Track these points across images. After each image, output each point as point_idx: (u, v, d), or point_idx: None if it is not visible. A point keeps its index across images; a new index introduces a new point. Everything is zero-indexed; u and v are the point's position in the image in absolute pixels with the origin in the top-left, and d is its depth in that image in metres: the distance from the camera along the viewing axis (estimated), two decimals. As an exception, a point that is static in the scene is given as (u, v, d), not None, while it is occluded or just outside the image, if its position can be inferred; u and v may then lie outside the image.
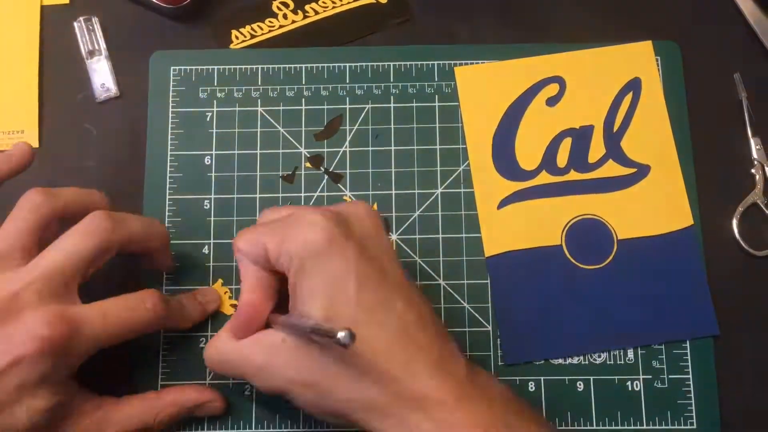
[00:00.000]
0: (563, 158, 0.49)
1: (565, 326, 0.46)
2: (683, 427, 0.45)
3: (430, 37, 0.52)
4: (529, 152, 0.49)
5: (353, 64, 0.51)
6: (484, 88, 0.50)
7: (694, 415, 0.45)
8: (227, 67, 0.50)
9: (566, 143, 0.49)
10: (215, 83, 0.50)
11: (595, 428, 0.45)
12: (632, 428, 0.45)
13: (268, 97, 0.50)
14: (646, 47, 0.51)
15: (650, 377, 0.46)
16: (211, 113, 0.50)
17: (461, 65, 0.51)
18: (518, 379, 0.46)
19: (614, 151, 0.49)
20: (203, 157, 0.49)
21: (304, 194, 0.49)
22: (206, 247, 0.48)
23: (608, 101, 0.50)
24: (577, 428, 0.45)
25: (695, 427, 0.45)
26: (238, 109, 0.50)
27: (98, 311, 0.39)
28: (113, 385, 0.42)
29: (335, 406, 0.37)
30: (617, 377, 0.46)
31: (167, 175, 0.49)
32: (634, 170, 0.49)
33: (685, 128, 0.50)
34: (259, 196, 0.48)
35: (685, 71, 0.51)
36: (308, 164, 0.49)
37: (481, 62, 0.51)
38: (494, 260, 0.47)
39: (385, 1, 0.53)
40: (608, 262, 0.47)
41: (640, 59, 0.51)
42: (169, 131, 0.49)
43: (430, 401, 0.35)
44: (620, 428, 0.45)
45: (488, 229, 0.48)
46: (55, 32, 0.51)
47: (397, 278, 0.38)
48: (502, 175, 0.49)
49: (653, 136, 0.49)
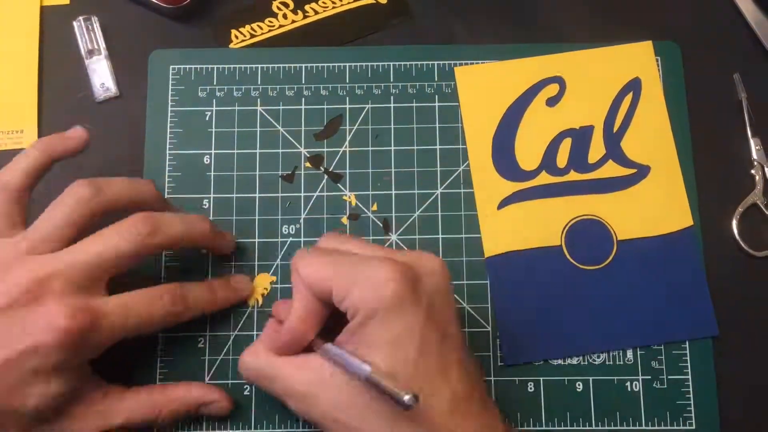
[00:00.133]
0: (563, 158, 0.49)
1: (564, 327, 0.46)
2: (682, 427, 0.45)
3: (430, 37, 0.52)
4: (529, 152, 0.49)
5: (353, 64, 0.51)
6: (484, 88, 0.50)
7: (693, 415, 0.45)
8: (227, 66, 0.50)
9: (566, 143, 0.49)
10: (214, 82, 0.50)
11: (594, 429, 0.45)
12: (631, 429, 0.45)
13: (267, 96, 0.50)
14: (646, 47, 0.51)
15: (649, 378, 0.46)
16: (210, 112, 0.50)
17: (461, 65, 0.51)
18: (517, 379, 0.46)
19: (614, 151, 0.49)
20: (202, 156, 0.49)
21: (303, 194, 0.48)
22: (205, 246, 0.48)
23: (608, 101, 0.50)
24: (576, 428, 0.45)
25: (694, 427, 0.45)
26: (237, 108, 0.50)
27: (119, 304, 0.39)
28: (111, 383, 0.42)
29: None
30: (616, 378, 0.46)
31: (166, 174, 0.49)
32: (634, 171, 0.49)
33: (685, 129, 0.50)
34: (258, 195, 0.48)
35: (685, 71, 0.51)
36: (308, 164, 0.49)
37: (481, 62, 0.51)
38: (494, 261, 0.47)
39: (385, 1, 0.53)
40: (608, 262, 0.47)
41: (640, 59, 0.51)
42: (167, 130, 0.49)
43: None
44: (619, 429, 0.45)
45: (488, 229, 0.48)
46: (54, 32, 0.51)
47: (456, 344, 0.38)
48: (502, 175, 0.49)
49: (653, 136, 0.49)
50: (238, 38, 0.52)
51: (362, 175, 0.49)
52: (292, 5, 0.53)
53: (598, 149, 0.49)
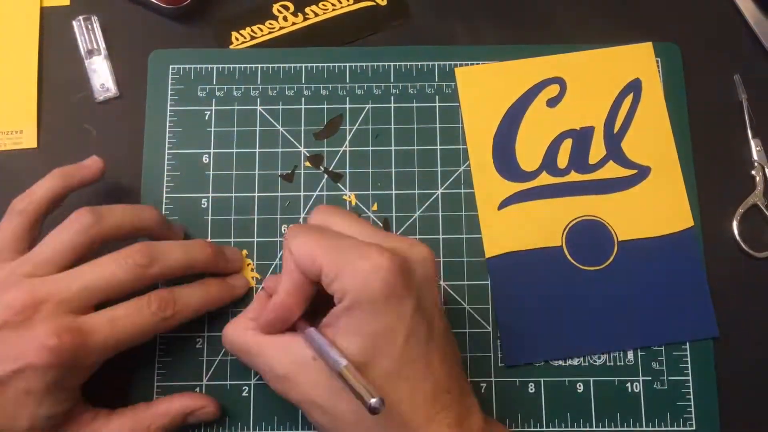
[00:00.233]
0: (564, 159, 0.49)
1: (565, 327, 0.46)
2: (683, 428, 0.45)
3: (429, 38, 0.52)
4: (529, 153, 0.49)
5: (353, 64, 0.51)
6: (484, 88, 0.50)
7: (693, 416, 0.45)
8: (226, 66, 0.50)
9: (567, 144, 0.49)
10: (214, 82, 0.50)
11: (594, 429, 0.45)
12: (632, 429, 0.45)
13: (267, 96, 0.50)
14: (646, 48, 0.51)
15: (650, 379, 0.46)
16: (209, 112, 0.50)
17: (461, 66, 0.51)
18: (518, 380, 0.46)
19: (615, 152, 0.49)
20: (201, 155, 0.49)
21: (303, 193, 0.48)
22: (205, 246, 0.47)
23: (609, 102, 0.50)
24: (576, 429, 0.45)
25: (695, 428, 0.45)
26: (237, 107, 0.50)
27: (107, 318, 0.40)
28: (108, 388, 0.42)
29: None
30: (617, 379, 0.46)
31: (165, 173, 0.48)
32: (634, 171, 0.49)
33: (685, 130, 0.50)
34: (257, 194, 0.48)
35: (685, 72, 0.51)
36: (308, 163, 0.49)
37: (481, 63, 0.51)
38: (495, 261, 0.47)
39: (384, 3, 0.53)
40: (608, 263, 0.47)
41: (640, 60, 0.51)
42: (167, 129, 0.49)
43: None
44: (620, 429, 0.45)
45: (489, 229, 0.48)
46: (54, 32, 0.51)
47: (440, 332, 0.38)
48: (502, 175, 0.49)
49: (654, 137, 0.49)
50: (238, 40, 0.52)
51: (362, 174, 0.49)
52: (292, 8, 0.53)
53: (598, 150, 0.49)
